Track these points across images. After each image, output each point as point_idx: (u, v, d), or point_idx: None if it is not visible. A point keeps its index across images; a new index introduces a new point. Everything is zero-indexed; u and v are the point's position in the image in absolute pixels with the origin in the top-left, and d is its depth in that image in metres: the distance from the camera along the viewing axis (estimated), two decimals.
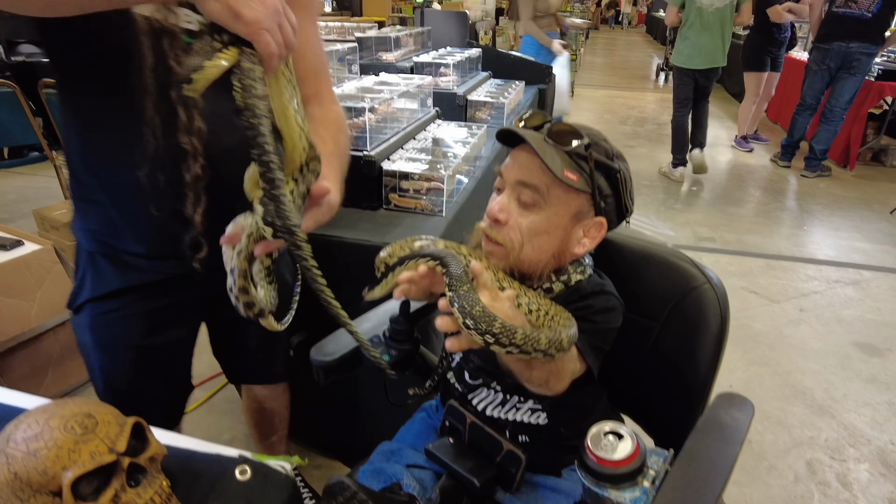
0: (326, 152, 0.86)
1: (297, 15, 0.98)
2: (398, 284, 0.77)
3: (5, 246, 1.90)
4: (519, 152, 0.86)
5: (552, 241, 0.85)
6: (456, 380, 0.96)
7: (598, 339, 0.83)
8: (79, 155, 0.94)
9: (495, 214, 0.84)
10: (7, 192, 4.05)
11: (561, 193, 0.83)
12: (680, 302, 0.96)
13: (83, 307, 1.02)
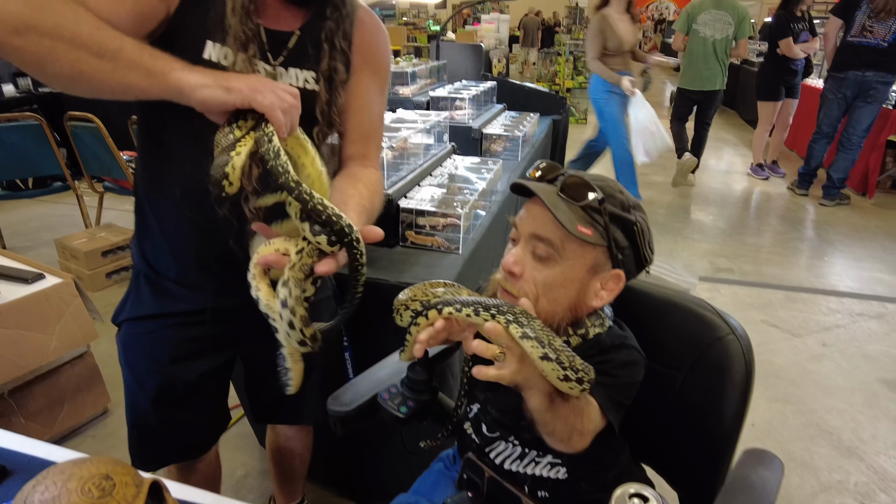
0: (360, 206, 0.88)
1: (366, 81, 1.05)
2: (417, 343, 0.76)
3: (27, 279, 1.93)
4: (533, 204, 0.86)
5: (568, 294, 0.84)
6: (473, 431, 0.95)
7: (620, 394, 0.82)
8: (142, 180, 1.04)
9: (510, 267, 0.84)
10: (30, 219, 4.13)
11: (576, 247, 0.82)
12: (704, 353, 0.94)
13: (122, 324, 1.13)
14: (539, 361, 0.67)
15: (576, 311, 0.85)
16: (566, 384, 0.68)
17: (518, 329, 0.68)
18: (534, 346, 0.67)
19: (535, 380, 0.71)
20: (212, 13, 0.88)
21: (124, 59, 0.71)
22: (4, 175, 3.45)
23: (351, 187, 0.93)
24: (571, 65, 7.67)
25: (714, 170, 5.79)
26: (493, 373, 0.69)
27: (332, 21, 0.96)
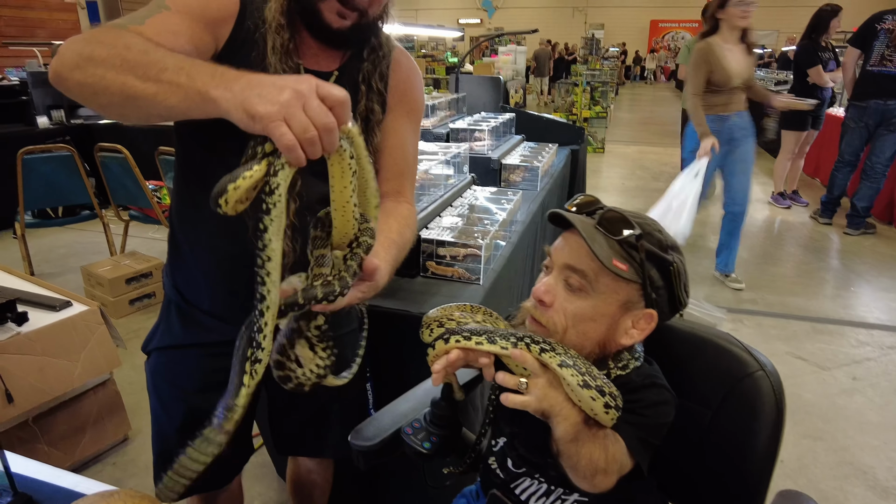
0: (388, 239, 0.90)
1: (401, 120, 1.07)
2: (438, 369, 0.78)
3: (55, 307, 1.97)
4: (570, 235, 0.86)
5: (598, 328, 0.83)
6: (498, 465, 0.93)
7: (649, 434, 0.80)
8: (177, 210, 1.06)
9: (541, 295, 0.83)
10: (59, 246, 4.23)
11: (610, 282, 0.82)
12: (733, 389, 0.92)
13: (151, 353, 1.14)
14: (578, 389, 0.68)
15: (604, 346, 0.84)
16: (607, 413, 0.68)
17: (556, 357, 0.68)
18: (573, 373, 0.67)
19: (561, 408, 0.70)
20: (254, 53, 0.91)
21: (166, 81, 0.69)
22: (36, 204, 3.55)
23: (382, 221, 0.95)
24: (588, 95, 7.73)
25: None
26: (520, 400, 0.69)
27: (370, 62, 0.99)
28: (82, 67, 0.71)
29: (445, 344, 0.76)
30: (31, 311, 1.87)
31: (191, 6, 0.87)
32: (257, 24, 0.93)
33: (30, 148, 3.27)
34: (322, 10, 0.89)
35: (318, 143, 0.61)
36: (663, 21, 21.98)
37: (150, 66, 0.69)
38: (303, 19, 0.92)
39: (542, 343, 0.69)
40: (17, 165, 3.19)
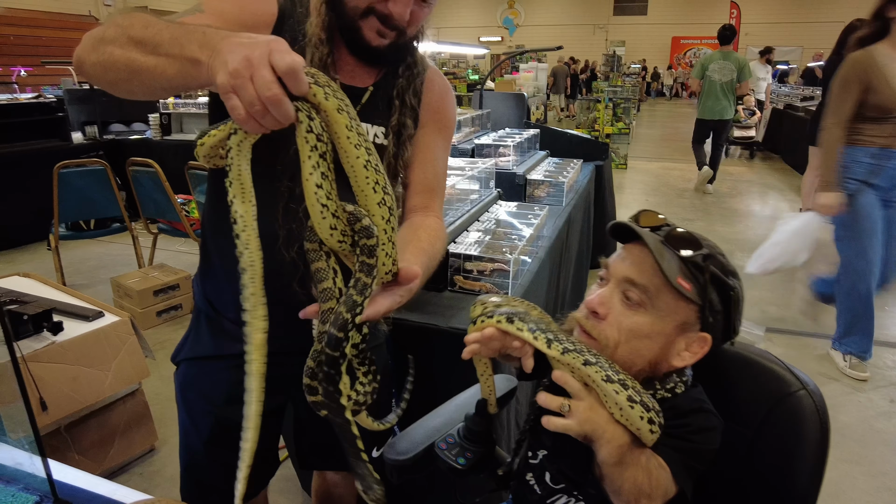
0: (419, 248, 0.90)
1: (432, 136, 1.08)
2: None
3: (88, 317, 2.01)
4: (632, 248, 0.84)
5: (651, 347, 0.80)
6: (535, 480, 0.92)
7: (695, 460, 0.78)
8: (209, 220, 1.08)
9: (595, 306, 0.81)
10: (89, 258, 4.32)
11: (670, 300, 0.80)
12: (774, 409, 0.90)
13: (180, 364, 1.15)
14: (625, 404, 0.67)
15: (655, 367, 0.82)
16: (651, 431, 0.67)
17: (600, 371, 0.67)
18: (618, 388, 0.66)
19: (604, 430, 0.69)
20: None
21: (163, 54, 0.69)
22: (70, 217, 3.64)
23: (411, 234, 0.95)
24: (611, 111, 7.72)
25: (759, 215, 5.66)
26: (561, 423, 0.68)
27: (404, 79, 1.02)
28: (95, 48, 0.75)
29: (488, 319, 0.75)
30: (66, 320, 1.91)
31: (225, 11, 0.90)
32: (296, 37, 0.95)
33: (65, 162, 3.36)
34: (362, 27, 0.91)
35: (268, 115, 0.58)
36: (685, 38, 21.93)
37: (149, 39, 0.70)
38: (343, 36, 0.94)
39: (588, 354, 0.68)
40: (54, 179, 3.28)
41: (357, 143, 0.61)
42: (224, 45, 0.61)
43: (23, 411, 1.10)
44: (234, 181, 0.63)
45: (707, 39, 21.09)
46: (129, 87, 0.76)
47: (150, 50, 0.70)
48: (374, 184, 0.64)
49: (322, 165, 0.61)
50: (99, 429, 1.99)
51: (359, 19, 0.91)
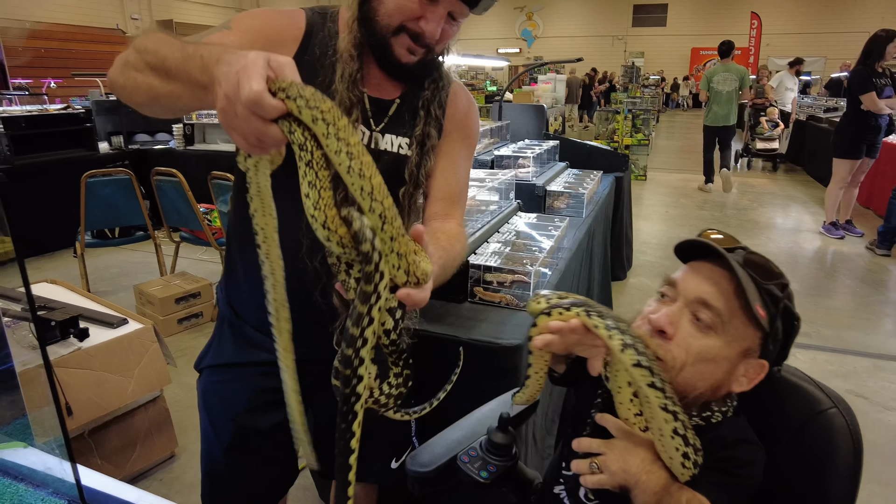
0: (436, 245, 0.91)
1: (455, 144, 1.09)
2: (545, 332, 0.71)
3: (113, 324, 2.04)
4: (703, 267, 0.82)
5: (716, 371, 0.79)
6: (567, 494, 0.90)
7: (738, 495, 0.76)
8: (235, 228, 1.10)
9: (663, 325, 0.78)
10: (112, 266, 4.40)
11: (740, 325, 0.78)
12: (803, 427, 0.88)
13: (203, 371, 1.16)
14: (669, 436, 0.66)
15: (715, 392, 0.80)
16: (682, 463, 0.66)
17: (661, 398, 0.65)
18: (669, 419, 0.64)
19: (637, 480, 0.68)
20: (320, 77, 0.95)
21: (175, 80, 0.71)
22: (96, 224, 3.72)
23: (430, 236, 0.96)
24: (630, 122, 7.69)
25: (780, 228, 5.57)
26: (595, 480, 0.69)
27: (430, 91, 1.03)
28: (122, 73, 0.79)
29: (567, 312, 0.69)
30: (91, 327, 1.95)
31: (252, 27, 0.93)
32: (325, 51, 0.97)
33: (93, 171, 3.44)
34: (393, 45, 0.93)
35: (261, 144, 0.61)
36: (705, 49, 21.78)
37: (162, 64, 0.73)
38: (373, 52, 0.96)
39: (657, 377, 0.64)
40: (81, 188, 3.36)
41: (336, 149, 0.59)
42: (217, 74, 0.62)
43: (49, 416, 1.12)
44: (255, 196, 0.67)
45: None
46: (153, 109, 0.80)
47: (164, 75, 0.73)
48: (360, 190, 0.61)
49: (309, 174, 0.61)
50: (121, 434, 2.02)
51: (390, 37, 0.92)
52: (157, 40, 0.76)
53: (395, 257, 0.64)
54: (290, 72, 0.61)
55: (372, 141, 1.01)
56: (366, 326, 0.60)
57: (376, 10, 0.92)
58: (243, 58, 0.59)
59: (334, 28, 0.99)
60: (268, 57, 0.60)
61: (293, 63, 0.61)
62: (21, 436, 1.06)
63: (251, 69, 0.58)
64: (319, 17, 1.01)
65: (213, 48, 0.67)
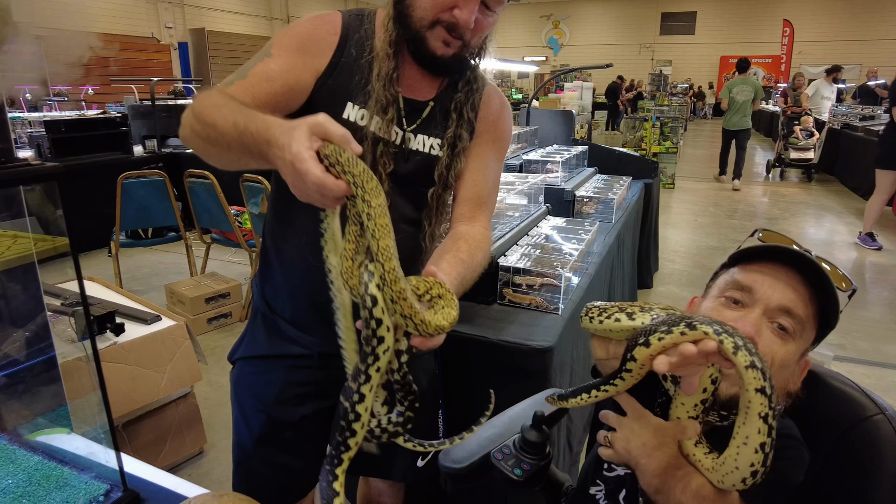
0: (457, 258, 0.91)
1: (485, 147, 1.09)
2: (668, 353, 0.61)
3: (146, 320, 2.09)
4: (780, 271, 0.79)
5: (787, 375, 0.79)
6: (604, 496, 0.89)
7: (777, 493, 0.74)
8: (271, 225, 1.12)
9: (750, 333, 0.72)
10: (144, 266, 4.50)
11: (810, 328, 0.79)
12: (847, 434, 0.86)
13: (236, 363, 1.18)
14: (753, 449, 0.62)
15: (786, 396, 0.81)
16: (747, 482, 0.64)
17: (765, 406, 0.61)
18: (762, 429, 0.61)
19: (637, 462, 0.68)
20: (357, 77, 0.97)
21: (238, 152, 0.79)
22: (130, 225, 3.81)
23: (451, 244, 0.97)
24: (658, 130, 7.62)
25: (813, 238, 5.44)
26: (606, 453, 0.69)
27: (463, 94, 1.04)
28: (192, 139, 0.86)
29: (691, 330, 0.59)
30: (126, 323, 2.00)
31: (290, 47, 0.97)
32: (361, 51, 0.98)
33: (128, 173, 3.53)
34: (428, 38, 0.94)
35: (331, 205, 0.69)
36: (734, 57, 21.51)
37: (221, 139, 0.79)
38: (409, 47, 0.97)
39: (767, 384, 0.59)
40: (117, 189, 3.45)
41: (360, 209, 0.65)
42: (273, 160, 0.71)
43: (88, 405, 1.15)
44: (329, 240, 0.73)
45: (758, 58, 20.59)
46: (227, 168, 0.88)
47: (226, 148, 0.80)
48: (374, 249, 0.64)
49: (348, 228, 0.69)
50: (153, 429, 2.06)
51: (425, 31, 0.94)
52: (211, 108, 0.82)
53: (399, 318, 0.64)
54: (337, 133, 0.66)
55: (404, 140, 1.02)
56: (362, 383, 0.64)
57: (411, 5, 0.94)
58: (289, 140, 0.66)
59: (371, 28, 1.01)
60: (310, 128, 0.66)
61: (332, 124, 0.67)
62: (63, 423, 1.09)
63: (299, 150, 0.65)
64: (356, 18, 1.03)
65: (259, 123, 0.74)
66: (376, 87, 0.95)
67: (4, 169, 0.66)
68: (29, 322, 1.27)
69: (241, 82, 0.91)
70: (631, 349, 0.62)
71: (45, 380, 1.19)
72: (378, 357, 0.63)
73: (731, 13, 20.93)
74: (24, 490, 0.84)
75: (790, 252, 0.79)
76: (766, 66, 19.78)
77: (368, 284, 0.62)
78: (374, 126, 0.96)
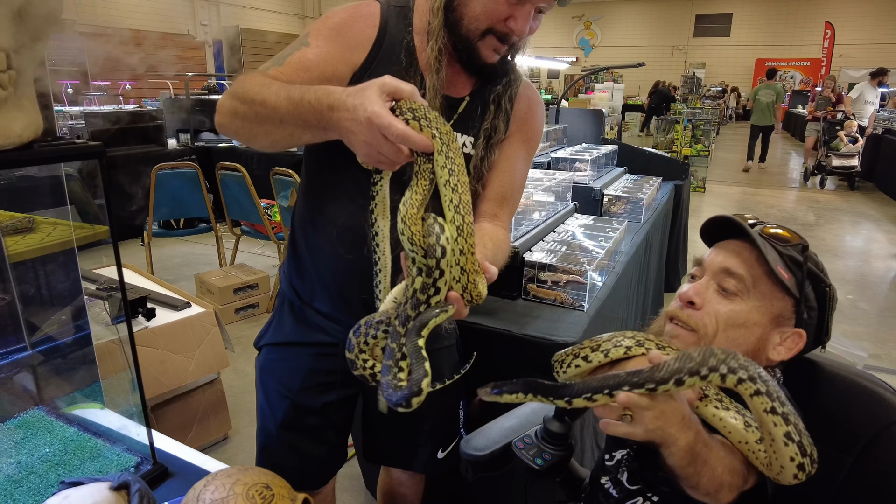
0: (482, 256, 0.91)
1: (515, 146, 1.10)
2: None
3: (176, 306, 2.14)
4: (728, 243, 0.87)
5: (748, 337, 0.81)
6: (611, 483, 0.89)
7: None
8: (300, 213, 1.14)
9: (690, 297, 0.83)
10: (175, 256, 4.61)
11: (766, 289, 0.82)
12: (878, 437, 0.84)
13: (262, 349, 1.20)
14: (781, 442, 0.64)
15: (753, 358, 0.80)
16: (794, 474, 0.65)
17: (767, 401, 0.63)
18: (778, 422, 0.63)
19: (676, 438, 0.67)
20: (393, 68, 0.96)
21: (293, 125, 0.79)
22: (163, 215, 3.91)
23: (478, 239, 0.96)
24: (689, 133, 7.49)
25: (849, 246, 5.29)
26: (623, 430, 0.67)
27: (501, 86, 1.04)
28: (232, 121, 0.86)
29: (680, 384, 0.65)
30: (158, 308, 2.05)
31: (328, 37, 0.96)
32: (401, 46, 0.98)
33: (162, 164, 3.62)
34: (480, 48, 0.94)
35: (396, 163, 0.70)
36: (771, 60, 20.97)
37: (273, 114, 0.79)
38: (459, 56, 0.97)
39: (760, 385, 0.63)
40: (152, 180, 3.54)
41: (443, 164, 0.68)
42: (340, 122, 0.70)
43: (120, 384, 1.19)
44: (379, 203, 0.77)
45: (796, 61, 20.07)
46: (273, 148, 0.90)
47: (278, 123, 0.80)
48: (450, 202, 0.69)
49: (412, 186, 0.69)
50: (180, 413, 2.11)
51: (477, 41, 0.93)
52: (258, 87, 0.82)
53: (458, 270, 0.68)
54: (407, 90, 0.67)
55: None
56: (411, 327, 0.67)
57: (462, 14, 0.93)
58: (361, 101, 0.66)
59: (411, 21, 1.00)
60: (381, 87, 0.67)
61: (400, 82, 0.68)
62: (96, 399, 1.13)
63: (375, 108, 0.65)
64: (396, 10, 1.01)
65: (318, 91, 0.74)
66: (429, 96, 0.96)
67: (50, 146, 0.68)
68: (68, 303, 1.33)
69: (277, 69, 0.91)
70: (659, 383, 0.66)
71: (81, 358, 1.24)
72: (430, 306, 0.67)
73: (769, 15, 20.41)
74: (61, 459, 0.88)
75: (725, 219, 0.86)
76: (804, 69, 19.27)
77: (441, 235, 0.65)
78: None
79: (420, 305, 0.67)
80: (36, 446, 0.92)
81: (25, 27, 0.67)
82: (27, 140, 0.67)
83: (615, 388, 0.66)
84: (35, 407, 1.08)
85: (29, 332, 1.19)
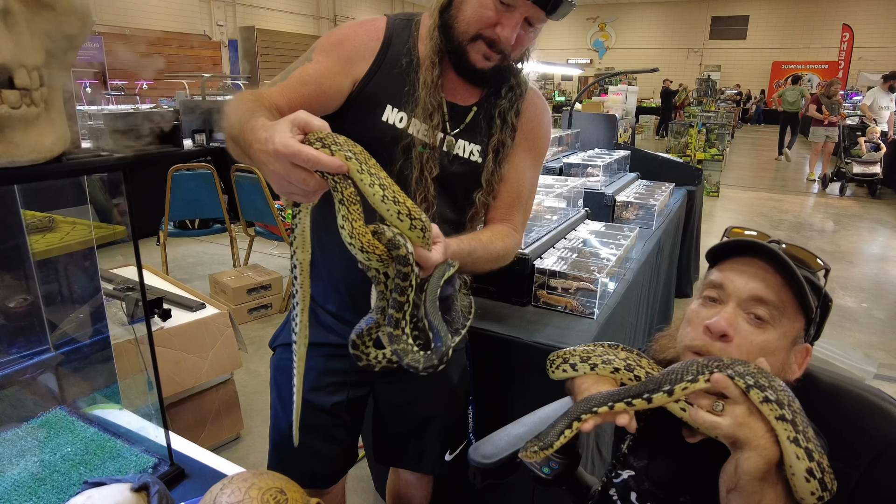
0: (473, 237, 0.97)
1: (522, 154, 1.12)
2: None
3: (191, 307, 2.17)
4: (748, 265, 0.82)
5: (774, 363, 0.79)
6: (619, 497, 0.90)
7: None
8: (314, 215, 1.17)
9: (724, 329, 0.77)
10: (189, 255, 4.67)
11: (791, 314, 0.80)
12: (885, 452, 0.84)
13: (276, 349, 1.23)
14: (787, 445, 0.65)
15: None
16: (810, 483, 0.64)
17: (789, 430, 0.65)
18: (787, 427, 0.64)
19: (759, 439, 0.66)
20: (398, 81, 1.00)
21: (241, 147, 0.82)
22: (178, 215, 3.96)
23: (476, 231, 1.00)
24: (703, 136, 7.44)
25: (865, 253, 5.22)
26: (711, 420, 0.66)
27: (507, 100, 1.06)
28: (227, 135, 0.89)
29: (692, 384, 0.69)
30: (173, 309, 2.08)
31: (330, 52, 1.01)
32: (405, 56, 1.01)
33: (178, 165, 3.67)
34: (469, 51, 0.97)
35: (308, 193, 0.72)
36: (787, 63, 20.75)
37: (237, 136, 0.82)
38: (450, 58, 1.00)
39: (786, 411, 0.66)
40: (167, 180, 3.59)
41: (370, 182, 0.70)
42: (256, 157, 0.74)
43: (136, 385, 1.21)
44: (298, 236, 0.80)
45: (813, 65, 19.81)
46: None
47: (234, 144, 0.84)
48: (397, 214, 0.72)
49: (341, 209, 0.71)
50: (194, 412, 2.14)
51: (467, 44, 0.97)
52: (234, 105, 0.87)
53: (405, 226, 0.75)
54: (317, 124, 0.71)
55: (446, 145, 1.05)
56: (406, 311, 0.73)
57: (455, 17, 0.97)
58: (272, 133, 0.68)
59: (416, 34, 1.04)
60: (291, 122, 0.69)
61: (311, 116, 0.71)
62: (114, 400, 1.16)
63: (283, 139, 0.67)
64: (402, 23, 1.06)
65: (253, 122, 0.77)
66: (422, 95, 0.98)
67: (77, 159, 0.71)
68: (87, 304, 1.36)
69: (282, 84, 0.97)
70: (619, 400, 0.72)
71: (100, 358, 1.27)
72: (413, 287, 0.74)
73: (786, 18, 20.20)
74: (82, 458, 0.90)
75: (753, 244, 0.81)
76: (821, 72, 19.02)
77: (406, 244, 0.72)
78: (420, 133, 0.99)
79: (406, 291, 0.73)
80: (58, 445, 0.96)
81: (57, 42, 0.70)
82: (57, 154, 0.70)
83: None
84: (57, 407, 1.11)
85: (51, 332, 1.22)
